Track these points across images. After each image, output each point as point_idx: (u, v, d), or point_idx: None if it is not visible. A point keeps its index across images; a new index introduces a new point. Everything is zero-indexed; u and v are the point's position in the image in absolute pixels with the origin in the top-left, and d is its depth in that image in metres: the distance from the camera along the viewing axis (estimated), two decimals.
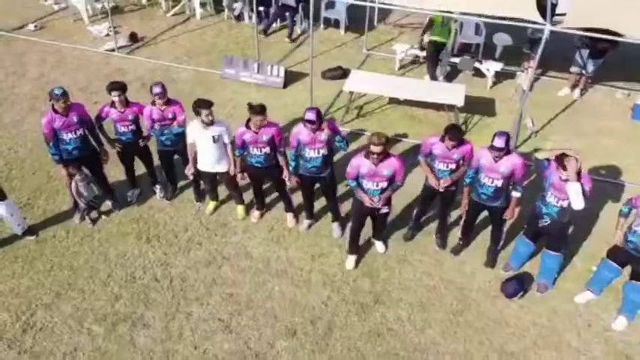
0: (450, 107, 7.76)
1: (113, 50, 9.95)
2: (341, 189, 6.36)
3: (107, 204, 6.40)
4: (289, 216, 6.28)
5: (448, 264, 5.83)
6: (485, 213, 5.67)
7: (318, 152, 5.46)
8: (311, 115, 5.26)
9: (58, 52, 10.01)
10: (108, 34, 10.48)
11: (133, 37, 10.36)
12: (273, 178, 5.96)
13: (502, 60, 9.32)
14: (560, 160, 4.84)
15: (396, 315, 5.26)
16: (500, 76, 9.21)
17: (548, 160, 5.26)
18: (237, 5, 11.16)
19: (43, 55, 9.88)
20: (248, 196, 6.44)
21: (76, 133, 5.73)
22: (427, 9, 7.39)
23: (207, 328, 5.06)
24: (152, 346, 4.90)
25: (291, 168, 5.75)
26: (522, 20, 6.75)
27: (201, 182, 6.33)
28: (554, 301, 5.43)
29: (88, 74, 9.30)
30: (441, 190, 5.52)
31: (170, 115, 5.92)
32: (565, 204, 4.96)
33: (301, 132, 5.40)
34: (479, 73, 9.21)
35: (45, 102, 8.51)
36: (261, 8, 10.39)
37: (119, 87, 5.86)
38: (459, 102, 7.51)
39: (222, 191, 6.45)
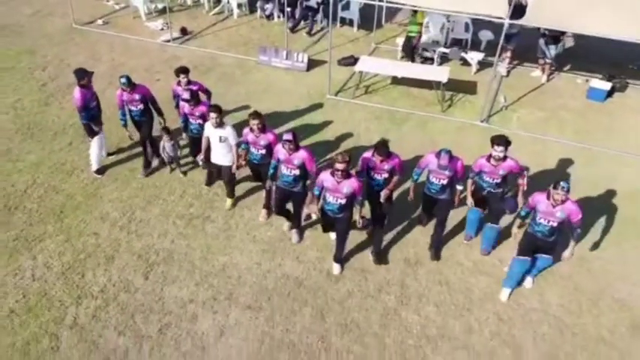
0: (437, 85, 9.89)
1: (169, 41, 12.24)
2: None
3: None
4: (263, 211, 7.30)
5: None
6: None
7: (291, 172, 6.31)
8: (288, 136, 6.14)
9: (123, 42, 12.30)
10: (162, 29, 12.78)
11: (184, 31, 12.65)
12: (264, 174, 6.91)
13: (486, 52, 11.41)
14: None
15: None
16: (483, 65, 11.29)
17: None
18: (268, 6, 13.41)
19: (111, 45, 12.17)
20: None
21: (137, 107, 7.60)
22: (420, 6, 9.63)
23: (255, 224, 7.24)
24: (217, 232, 7.09)
25: (269, 173, 6.64)
26: (488, 16, 8.89)
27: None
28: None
29: (150, 59, 11.58)
30: (382, 201, 6.38)
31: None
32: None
33: (280, 150, 6.31)
34: (466, 63, 11.34)
35: (117, 79, 10.82)
36: (288, 9, 12.64)
37: (185, 70, 7.69)
38: (444, 79, 9.66)
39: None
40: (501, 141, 6.16)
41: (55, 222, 7.18)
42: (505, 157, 6.27)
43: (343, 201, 5.94)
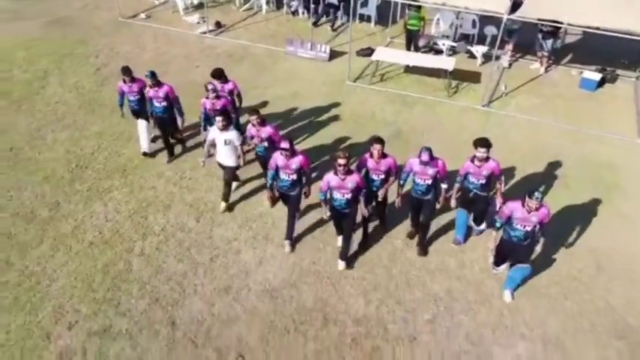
0: (445, 73, 11.18)
1: (205, 33, 13.68)
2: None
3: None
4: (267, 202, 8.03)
5: None
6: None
7: (289, 177, 6.88)
8: (285, 144, 6.69)
9: (164, 33, 13.76)
10: (198, 22, 14.22)
11: (218, 24, 14.08)
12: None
13: (490, 46, 12.63)
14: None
15: None
16: (488, 58, 12.52)
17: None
18: (294, 3, 14.80)
19: (154, 36, 13.63)
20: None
21: (160, 103, 8.35)
22: (431, 3, 10.95)
23: None
24: (255, 189, 8.46)
25: (268, 184, 7.28)
26: (490, 11, 10.17)
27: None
28: None
29: (189, 48, 13.01)
30: (380, 199, 6.97)
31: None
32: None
33: (278, 158, 6.84)
34: (472, 55, 12.60)
35: (161, 65, 12.28)
36: (312, 6, 14.01)
37: (216, 75, 8.53)
38: (450, 67, 10.96)
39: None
40: (483, 143, 6.70)
41: (119, 178, 8.62)
42: (488, 158, 6.79)
43: (349, 195, 6.52)
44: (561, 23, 10.41)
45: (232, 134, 7.47)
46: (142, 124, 8.90)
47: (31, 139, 9.46)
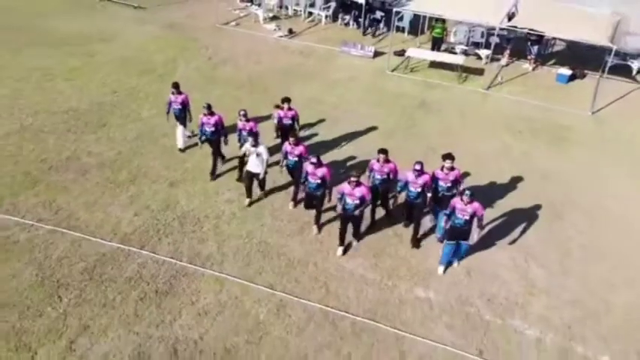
0: (457, 67, 15.68)
1: (281, 37, 18.48)
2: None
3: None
4: (291, 203, 10.10)
5: None
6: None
7: (315, 181, 8.91)
8: (313, 159, 8.84)
9: (250, 36, 18.53)
10: (275, 29, 19.03)
11: (290, 31, 18.88)
12: (296, 176, 9.87)
13: (493, 51, 17.06)
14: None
15: None
16: (492, 59, 16.94)
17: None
18: (347, 17, 19.55)
19: (243, 38, 18.38)
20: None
21: (209, 128, 10.39)
22: (449, 17, 15.54)
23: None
24: None
25: (301, 182, 9.47)
26: (488, 23, 14.70)
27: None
28: None
29: (269, 47, 17.69)
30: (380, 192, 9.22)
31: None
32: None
33: (308, 167, 8.93)
34: (479, 57, 17.07)
35: (252, 55, 17.03)
36: (360, 19, 18.71)
37: (287, 99, 11.01)
38: (461, 62, 15.51)
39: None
40: (448, 157, 8.83)
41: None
42: (453, 168, 8.84)
43: (357, 202, 8.44)
44: (543, 35, 14.83)
45: (261, 149, 9.60)
46: (180, 128, 11.63)
47: None
